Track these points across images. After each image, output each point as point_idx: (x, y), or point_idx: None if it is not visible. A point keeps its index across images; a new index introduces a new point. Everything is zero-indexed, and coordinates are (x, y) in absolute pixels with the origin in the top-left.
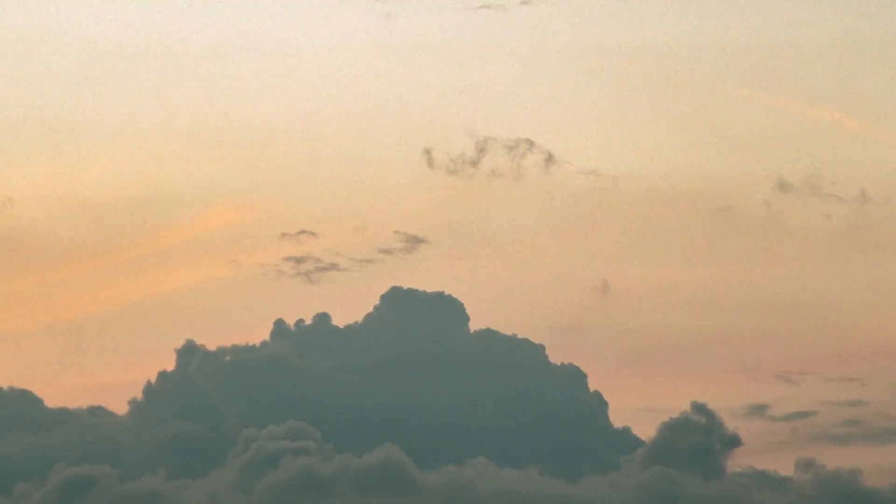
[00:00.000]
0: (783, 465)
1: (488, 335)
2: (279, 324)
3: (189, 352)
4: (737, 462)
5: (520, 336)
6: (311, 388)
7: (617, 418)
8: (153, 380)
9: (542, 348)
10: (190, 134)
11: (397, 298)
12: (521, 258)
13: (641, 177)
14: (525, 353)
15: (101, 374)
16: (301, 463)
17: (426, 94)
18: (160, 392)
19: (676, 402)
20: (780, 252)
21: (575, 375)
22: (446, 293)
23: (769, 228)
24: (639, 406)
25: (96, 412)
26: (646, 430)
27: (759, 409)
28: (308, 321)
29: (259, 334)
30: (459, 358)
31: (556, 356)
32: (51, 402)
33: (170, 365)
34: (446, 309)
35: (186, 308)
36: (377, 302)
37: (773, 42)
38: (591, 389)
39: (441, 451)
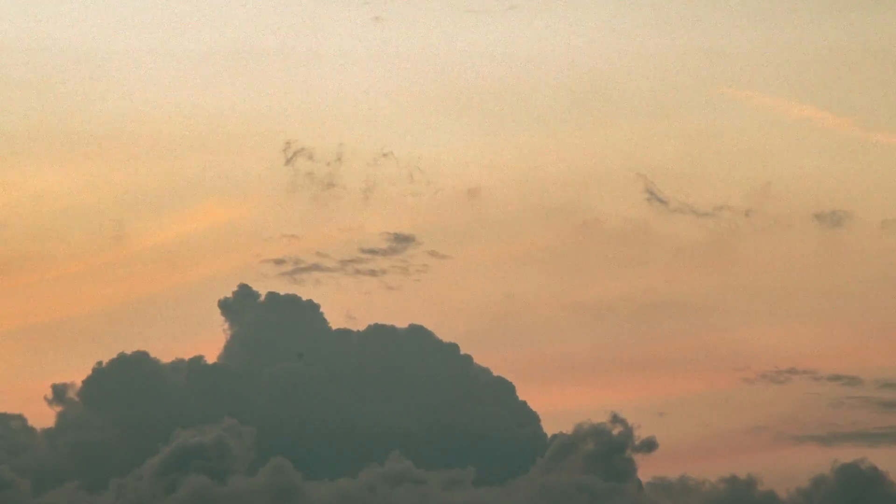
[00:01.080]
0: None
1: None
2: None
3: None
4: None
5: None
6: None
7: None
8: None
9: (431, 334)
10: (174, 135)
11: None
12: None
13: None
14: (414, 339)
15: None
16: (196, 483)
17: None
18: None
19: (585, 406)
20: (648, 260)
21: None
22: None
23: (638, 237)
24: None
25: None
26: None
27: (661, 416)
28: None
29: None
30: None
31: None
32: None
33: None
34: (299, 310)
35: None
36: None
37: (637, 53)
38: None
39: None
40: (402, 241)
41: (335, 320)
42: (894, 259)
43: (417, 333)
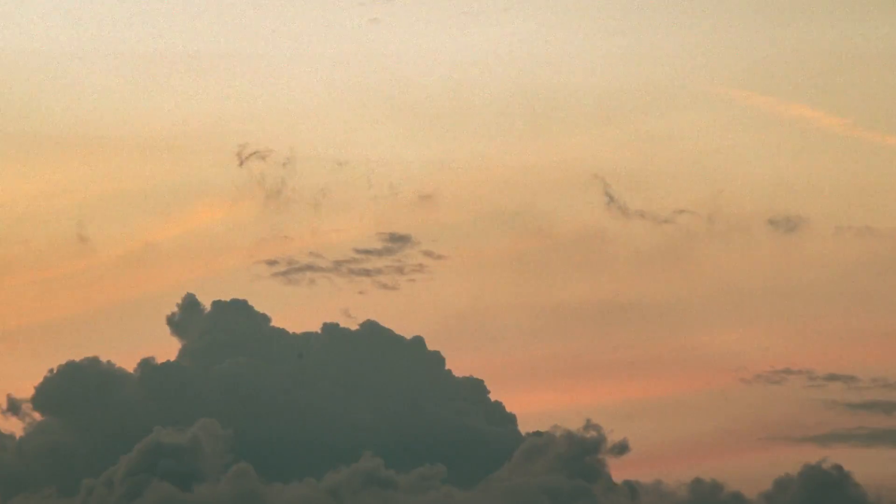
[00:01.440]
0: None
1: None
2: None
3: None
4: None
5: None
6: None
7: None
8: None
9: (389, 331)
10: (167, 137)
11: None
12: None
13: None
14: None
15: None
16: (161, 490)
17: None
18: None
19: (557, 410)
20: (608, 263)
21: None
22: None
23: (596, 241)
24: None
25: None
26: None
27: (630, 419)
28: None
29: None
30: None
31: None
32: None
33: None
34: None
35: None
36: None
37: (593, 55)
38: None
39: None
40: (398, 240)
41: (290, 324)
42: (851, 261)
43: (372, 331)
